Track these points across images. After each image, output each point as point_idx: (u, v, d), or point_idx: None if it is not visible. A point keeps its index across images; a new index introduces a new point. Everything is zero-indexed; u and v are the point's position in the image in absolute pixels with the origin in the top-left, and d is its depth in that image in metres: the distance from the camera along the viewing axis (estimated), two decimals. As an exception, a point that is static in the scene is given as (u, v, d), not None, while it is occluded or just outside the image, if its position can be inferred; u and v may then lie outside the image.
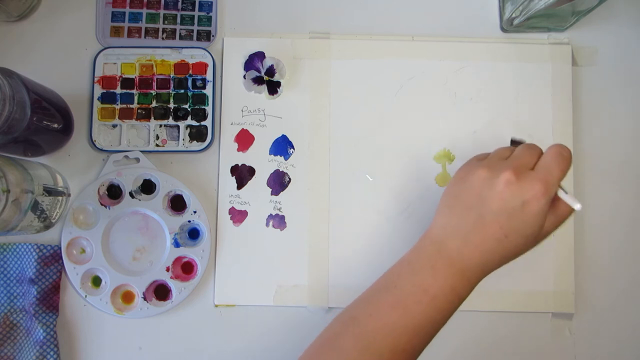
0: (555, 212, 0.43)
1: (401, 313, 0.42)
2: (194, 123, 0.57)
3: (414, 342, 0.43)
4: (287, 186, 0.58)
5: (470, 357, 0.57)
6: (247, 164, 0.58)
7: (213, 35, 0.59)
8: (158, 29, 0.59)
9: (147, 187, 0.57)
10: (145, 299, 0.55)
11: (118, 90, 0.58)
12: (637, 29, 0.60)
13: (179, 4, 0.59)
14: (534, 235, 0.42)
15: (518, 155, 0.44)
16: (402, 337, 0.42)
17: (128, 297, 0.56)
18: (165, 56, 0.58)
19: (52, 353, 0.55)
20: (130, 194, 0.56)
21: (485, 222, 0.42)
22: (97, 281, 0.56)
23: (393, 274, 0.45)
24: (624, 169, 0.58)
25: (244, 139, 0.58)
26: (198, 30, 0.59)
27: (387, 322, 0.43)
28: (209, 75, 0.58)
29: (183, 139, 0.57)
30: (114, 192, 0.57)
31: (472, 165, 0.45)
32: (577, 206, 0.42)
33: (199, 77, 0.58)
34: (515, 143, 0.54)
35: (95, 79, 0.58)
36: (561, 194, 0.43)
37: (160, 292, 0.56)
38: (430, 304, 0.42)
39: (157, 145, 0.57)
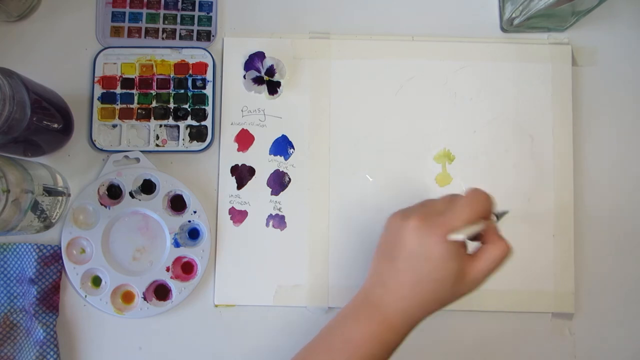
0: (481, 258, 0.42)
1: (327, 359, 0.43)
2: (194, 123, 0.57)
3: None
4: (287, 186, 0.58)
5: (471, 357, 0.57)
6: (247, 164, 0.58)
7: (213, 35, 0.59)
8: (158, 29, 0.59)
9: (147, 187, 0.57)
10: (145, 299, 0.55)
11: (118, 90, 0.58)
12: (637, 29, 0.60)
13: (179, 4, 0.59)
14: (451, 281, 0.42)
15: (431, 202, 0.45)
16: None
17: (128, 297, 0.56)
18: (165, 56, 0.58)
19: (52, 353, 0.55)
20: (130, 194, 0.56)
21: (399, 268, 0.43)
22: (97, 281, 0.56)
23: (327, 325, 0.46)
24: (623, 169, 0.58)
25: (244, 139, 0.58)
26: (198, 30, 0.59)
27: None
28: (209, 75, 0.58)
29: (183, 139, 0.57)
30: (114, 192, 0.57)
31: (395, 212, 0.46)
32: (459, 238, 0.41)
33: (199, 77, 0.58)
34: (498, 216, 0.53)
35: (95, 79, 0.58)
36: (453, 235, 0.41)
37: (160, 292, 0.56)
38: (356, 353, 0.43)
39: (157, 145, 0.57)
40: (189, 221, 0.57)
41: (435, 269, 0.42)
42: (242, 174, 0.58)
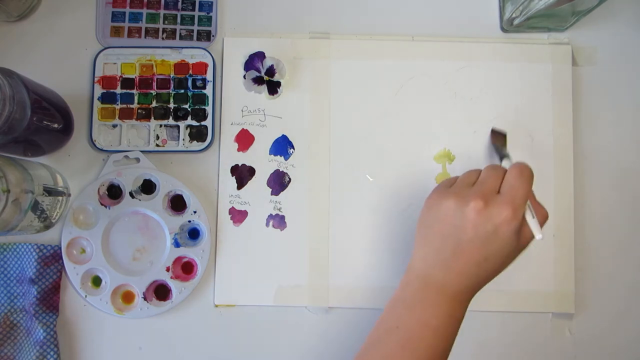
0: (526, 227, 0.44)
1: (410, 351, 0.44)
2: (194, 123, 0.57)
3: None
4: (287, 186, 0.58)
5: (471, 357, 0.57)
6: (247, 164, 0.58)
7: (213, 35, 0.59)
8: (158, 29, 0.59)
9: (147, 187, 0.57)
10: (145, 299, 0.55)
11: (118, 90, 0.58)
12: (637, 29, 0.60)
13: (179, 4, 0.59)
14: (513, 253, 0.45)
15: (483, 181, 0.46)
16: None
17: (128, 297, 0.56)
18: (166, 56, 0.58)
19: (52, 353, 0.55)
20: (130, 194, 0.56)
21: (463, 249, 0.44)
22: (97, 281, 0.56)
23: (392, 314, 0.46)
24: (624, 169, 0.58)
25: (244, 139, 0.58)
26: (198, 30, 0.59)
27: None
28: (209, 75, 0.58)
29: (183, 139, 0.57)
30: (114, 192, 0.57)
31: (440, 193, 0.46)
32: (538, 236, 0.44)
33: (199, 77, 0.58)
34: (495, 133, 0.56)
35: (96, 79, 0.58)
36: (528, 216, 0.44)
37: (160, 292, 0.56)
38: (434, 336, 0.44)
39: (157, 145, 0.57)
40: (189, 221, 0.57)
41: (503, 246, 0.43)
42: (242, 174, 0.58)
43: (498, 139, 0.55)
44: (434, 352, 0.44)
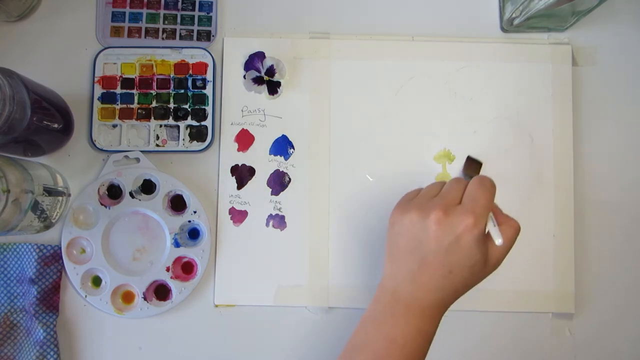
0: (497, 247, 0.44)
1: None
2: (194, 123, 0.57)
3: None
4: (287, 186, 0.58)
5: (470, 357, 0.57)
6: (247, 164, 0.58)
7: (213, 35, 0.59)
8: (158, 29, 0.59)
9: (147, 187, 0.57)
10: (145, 299, 0.55)
11: (118, 90, 0.58)
12: (637, 28, 0.60)
13: (179, 4, 0.59)
14: (479, 265, 0.44)
15: (444, 193, 0.45)
16: None
17: (128, 297, 0.56)
18: (166, 56, 0.58)
19: (52, 353, 0.55)
20: (130, 194, 0.56)
21: (428, 262, 0.43)
22: (97, 281, 0.56)
23: (360, 332, 0.46)
24: (624, 169, 0.58)
25: (244, 139, 0.58)
26: (198, 30, 0.59)
27: None
28: (209, 75, 0.58)
29: (183, 139, 0.57)
30: (114, 192, 0.57)
31: (402, 208, 0.46)
32: (498, 241, 0.44)
33: (199, 77, 0.58)
34: (470, 160, 0.56)
35: (96, 79, 0.58)
36: (489, 225, 0.44)
37: (160, 292, 0.56)
38: (402, 353, 0.43)
39: (157, 145, 0.57)
40: (189, 221, 0.57)
41: (466, 257, 0.43)
42: (242, 174, 0.58)
43: (472, 167, 0.56)
44: None
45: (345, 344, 0.56)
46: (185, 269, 0.57)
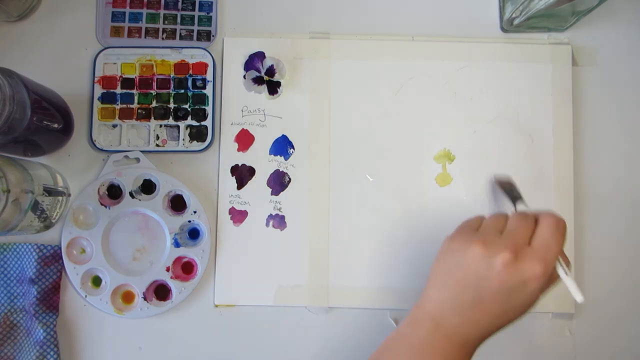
0: (550, 278, 0.43)
1: None
2: (194, 123, 0.57)
3: None
4: (287, 186, 0.58)
5: (470, 357, 0.57)
6: (247, 164, 0.58)
7: (213, 35, 0.59)
8: (158, 29, 0.59)
9: (147, 187, 0.57)
10: (145, 299, 0.55)
11: (118, 90, 0.58)
12: (637, 29, 0.60)
13: (179, 4, 0.59)
14: (533, 305, 0.42)
15: (513, 230, 0.43)
16: None
17: (128, 297, 0.56)
18: (166, 56, 0.58)
19: (52, 353, 0.55)
20: (130, 194, 0.56)
21: (484, 301, 0.41)
22: (97, 281, 0.56)
23: (394, 352, 0.44)
24: (624, 169, 0.58)
25: (244, 139, 0.58)
26: (198, 30, 0.59)
27: None
28: (209, 75, 0.58)
29: (183, 139, 0.57)
30: (114, 192, 0.57)
31: (466, 237, 0.43)
32: (579, 298, 0.42)
33: (199, 77, 0.58)
34: (502, 183, 0.54)
35: (96, 79, 0.58)
36: (561, 273, 0.42)
37: (160, 292, 0.56)
38: None
39: (157, 145, 0.57)
40: (189, 221, 0.57)
41: (527, 302, 0.41)
42: (242, 174, 0.58)
43: (510, 189, 0.53)
44: None
45: (344, 344, 0.56)
46: (185, 269, 0.57)
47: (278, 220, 0.57)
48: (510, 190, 0.52)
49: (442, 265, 0.44)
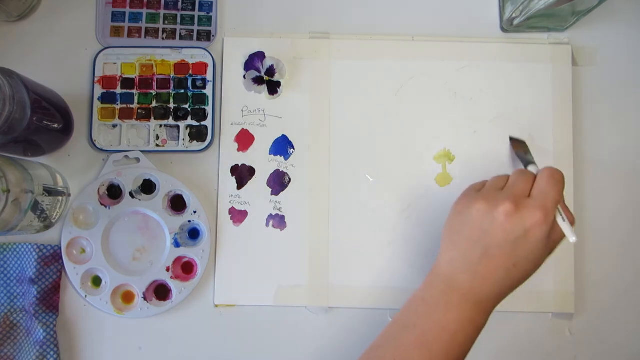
0: (555, 231, 0.44)
1: (425, 353, 0.43)
2: (194, 123, 0.57)
3: None
4: (287, 186, 0.58)
5: (471, 357, 0.57)
6: (247, 164, 0.58)
7: (213, 35, 0.59)
8: (158, 29, 0.59)
9: (147, 187, 0.57)
10: (145, 299, 0.55)
11: (118, 90, 0.58)
12: (637, 29, 0.60)
13: (179, 4, 0.59)
14: (543, 257, 0.44)
15: (513, 184, 0.45)
16: None
17: (128, 297, 0.56)
18: (166, 56, 0.58)
19: (52, 353, 0.55)
20: (130, 194, 0.56)
21: (492, 254, 0.43)
22: (97, 281, 0.56)
23: (410, 312, 0.45)
24: (624, 169, 0.58)
25: (244, 139, 0.58)
26: (198, 30, 0.59)
27: None
28: (209, 75, 0.58)
29: (183, 139, 0.57)
30: (114, 192, 0.57)
31: (469, 197, 0.45)
32: (572, 239, 0.43)
33: (199, 77, 0.58)
34: (514, 141, 0.55)
35: (96, 79, 0.58)
36: (559, 220, 0.44)
37: (160, 292, 0.56)
38: (451, 340, 0.43)
39: (157, 145, 0.57)
40: (189, 221, 0.57)
41: (532, 252, 0.42)
42: (242, 174, 0.58)
43: (519, 146, 0.55)
44: (448, 356, 0.43)
45: (344, 344, 0.56)
46: (185, 269, 0.57)
47: (278, 220, 0.57)
48: (524, 154, 0.53)
49: (450, 228, 0.46)
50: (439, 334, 0.43)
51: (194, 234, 0.57)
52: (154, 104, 0.58)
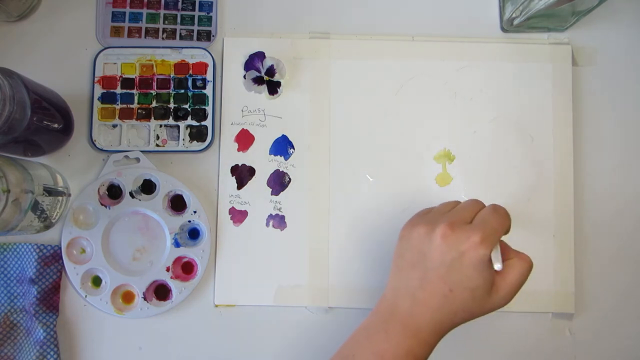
0: (504, 279, 0.43)
1: None
2: (194, 123, 0.57)
3: None
4: (287, 186, 0.58)
5: (471, 357, 0.57)
6: (247, 164, 0.58)
7: (213, 35, 0.59)
8: (158, 29, 0.59)
9: (147, 187, 0.57)
10: (145, 299, 0.55)
11: (118, 90, 0.58)
12: (637, 29, 0.60)
13: (179, 4, 0.59)
14: (481, 291, 0.42)
15: (456, 210, 0.45)
16: None
17: (128, 297, 0.56)
18: (166, 56, 0.58)
19: (52, 353, 0.55)
20: (131, 194, 0.56)
21: (429, 278, 0.42)
22: (97, 281, 0.56)
23: (352, 342, 0.45)
24: (624, 169, 0.58)
25: (244, 139, 0.58)
26: (198, 30, 0.59)
27: None
28: (209, 75, 0.58)
29: (183, 139, 0.57)
30: (114, 192, 0.57)
31: (413, 222, 0.46)
32: (497, 266, 0.42)
33: (199, 77, 0.58)
34: None
35: (96, 79, 0.58)
36: (492, 252, 0.42)
37: (160, 292, 0.56)
38: None
39: (157, 145, 0.57)
40: (189, 221, 0.57)
41: (469, 278, 0.41)
42: (242, 174, 0.58)
43: None
44: None
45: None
46: (185, 269, 0.57)
47: (278, 220, 0.57)
48: None
49: (396, 253, 0.46)
50: None
51: (194, 234, 0.57)
52: (154, 104, 0.58)
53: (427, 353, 0.43)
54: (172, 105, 0.58)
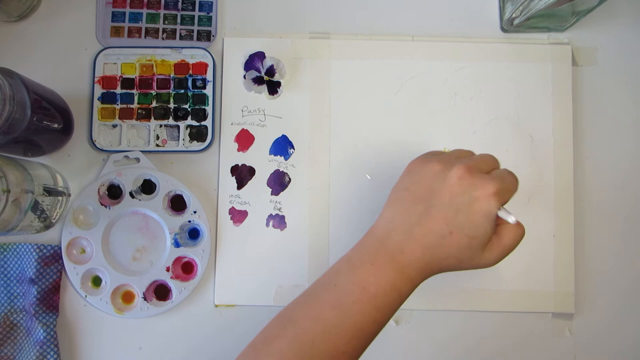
0: (500, 239, 0.42)
1: (340, 313, 0.40)
2: (194, 123, 0.57)
3: (354, 343, 0.41)
4: (287, 186, 0.58)
5: (471, 357, 0.57)
6: (247, 164, 0.58)
7: (213, 35, 0.59)
8: (158, 29, 0.59)
9: (147, 187, 0.57)
10: (145, 299, 0.55)
11: (118, 90, 0.58)
12: (637, 29, 0.60)
13: (179, 4, 0.59)
14: (479, 243, 0.41)
15: (475, 158, 0.44)
16: (341, 339, 0.40)
17: (128, 297, 0.56)
18: (166, 56, 0.58)
19: (52, 353, 0.55)
20: (131, 194, 0.56)
21: (432, 215, 0.41)
22: (97, 281, 0.56)
23: (332, 271, 0.43)
24: (624, 169, 0.58)
25: (244, 139, 0.58)
26: (198, 30, 0.59)
27: (326, 324, 0.41)
28: (209, 75, 0.58)
29: (183, 139, 0.57)
30: (114, 192, 0.57)
31: (426, 158, 0.44)
32: (511, 218, 0.41)
33: (199, 77, 0.58)
34: None
35: (96, 79, 0.58)
36: (501, 211, 0.41)
37: (160, 292, 0.56)
38: (370, 302, 0.40)
39: (157, 145, 0.57)
40: (189, 221, 0.57)
41: (472, 225, 0.40)
42: (242, 174, 0.58)
43: None
44: (366, 321, 0.40)
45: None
46: (185, 269, 0.57)
47: (278, 220, 0.57)
48: None
49: (398, 186, 0.45)
50: (358, 295, 0.40)
51: (194, 234, 0.57)
52: (154, 104, 0.58)
53: (410, 291, 0.42)
54: (172, 105, 0.58)
